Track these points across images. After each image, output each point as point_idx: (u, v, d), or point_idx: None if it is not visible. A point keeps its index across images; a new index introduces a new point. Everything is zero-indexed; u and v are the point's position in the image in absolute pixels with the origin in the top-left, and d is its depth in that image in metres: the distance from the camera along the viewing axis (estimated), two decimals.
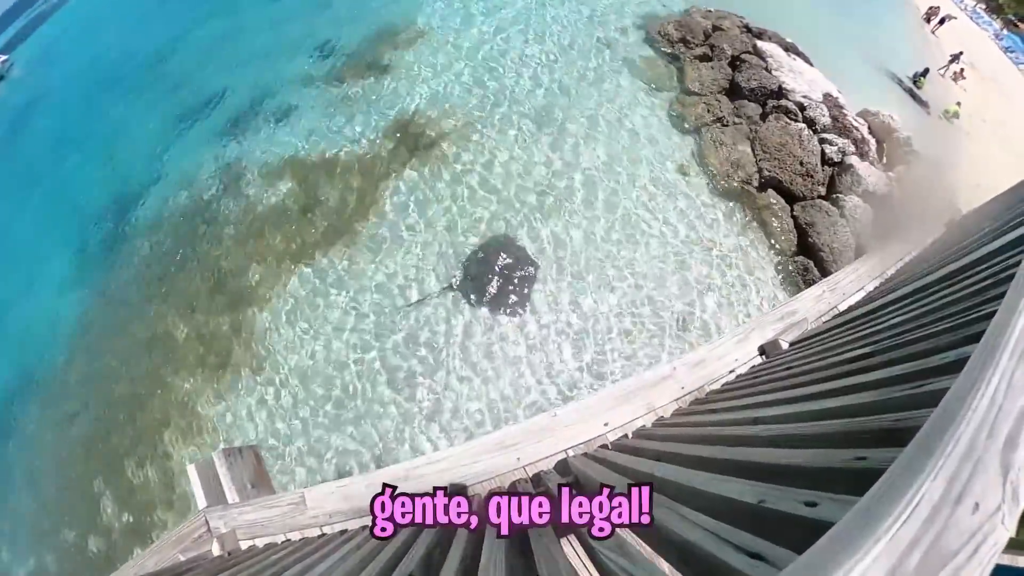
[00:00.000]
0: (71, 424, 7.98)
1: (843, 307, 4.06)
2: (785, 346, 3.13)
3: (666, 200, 7.78)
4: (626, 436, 2.85)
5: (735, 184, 7.95)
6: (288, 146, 9.95)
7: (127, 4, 21.74)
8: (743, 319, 6.82)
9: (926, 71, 14.42)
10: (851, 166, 8.45)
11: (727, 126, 8.54)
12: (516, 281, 7.14)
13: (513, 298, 7.03)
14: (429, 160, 8.64)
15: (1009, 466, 0.72)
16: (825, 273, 7.12)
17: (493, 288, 7.11)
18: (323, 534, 2.70)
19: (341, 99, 10.47)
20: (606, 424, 2.86)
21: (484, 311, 6.95)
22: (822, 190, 8.33)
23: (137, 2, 21.28)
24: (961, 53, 15.99)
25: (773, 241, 7.65)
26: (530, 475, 2.70)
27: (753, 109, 8.87)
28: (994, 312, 1.10)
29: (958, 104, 14.03)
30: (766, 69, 9.47)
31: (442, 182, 8.33)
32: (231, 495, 3.01)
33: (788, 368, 2.46)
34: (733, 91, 9.23)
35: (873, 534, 0.60)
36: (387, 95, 10.04)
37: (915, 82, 14.34)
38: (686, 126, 8.62)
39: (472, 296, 7.09)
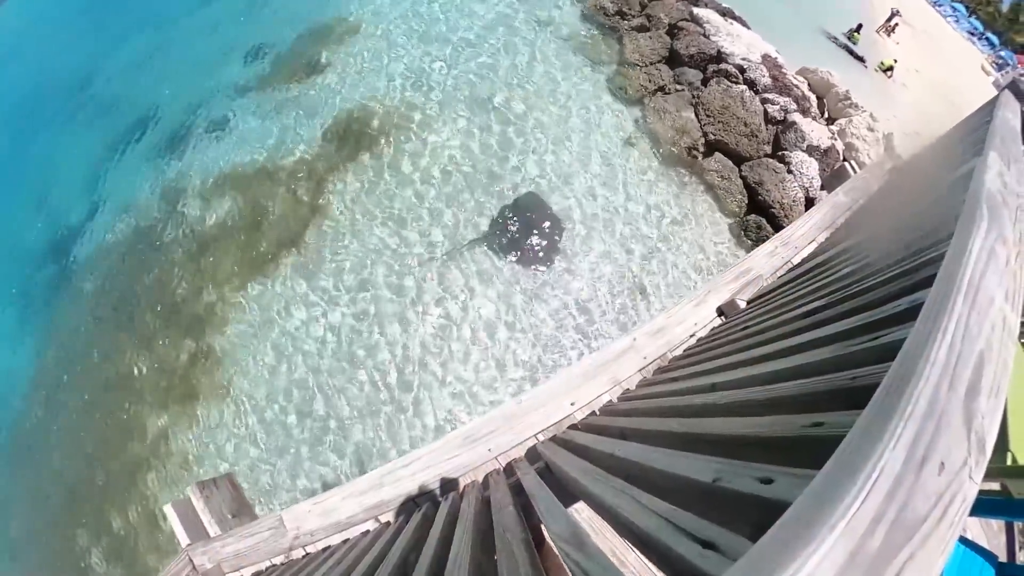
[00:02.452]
0: (42, 482, 7.62)
1: (797, 260, 4.12)
2: (742, 305, 3.14)
3: (615, 174, 7.76)
4: (594, 413, 2.84)
5: (682, 150, 7.98)
6: (227, 159, 9.55)
7: (44, 23, 20.57)
8: (701, 282, 6.89)
9: (859, 27, 14.79)
10: (794, 123, 8.58)
11: (669, 94, 8.56)
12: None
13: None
14: (372, 157, 8.40)
15: (972, 415, 0.68)
16: (778, 229, 7.21)
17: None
18: (307, 554, 2.67)
19: (277, 104, 10.07)
20: (572, 403, 2.86)
21: (454, 307, 6.85)
22: (768, 149, 8.45)
23: (55, 21, 20.13)
24: (897, 11, 16.46)
25: (724, 203, 7.73)
26: (503, 465, 2.69)
27: (694, 75, 8.91)
28: (944, 255, 1.07)
29: (894, 60, 14.43)
30: (704, 35, 9.51)
31: (386, 178, 8.12)
32: (212, 528, 2.96)
33: (744, 328, 2.44)
34: (673, 59, 9.24)
35: (828, 520, 0.53)
36: (323, 94, 9.71)
37: (850, 38, 14.70)
38: (629, 98, 8.57)
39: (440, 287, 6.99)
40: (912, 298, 1.24)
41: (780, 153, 8.35)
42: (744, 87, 8.71)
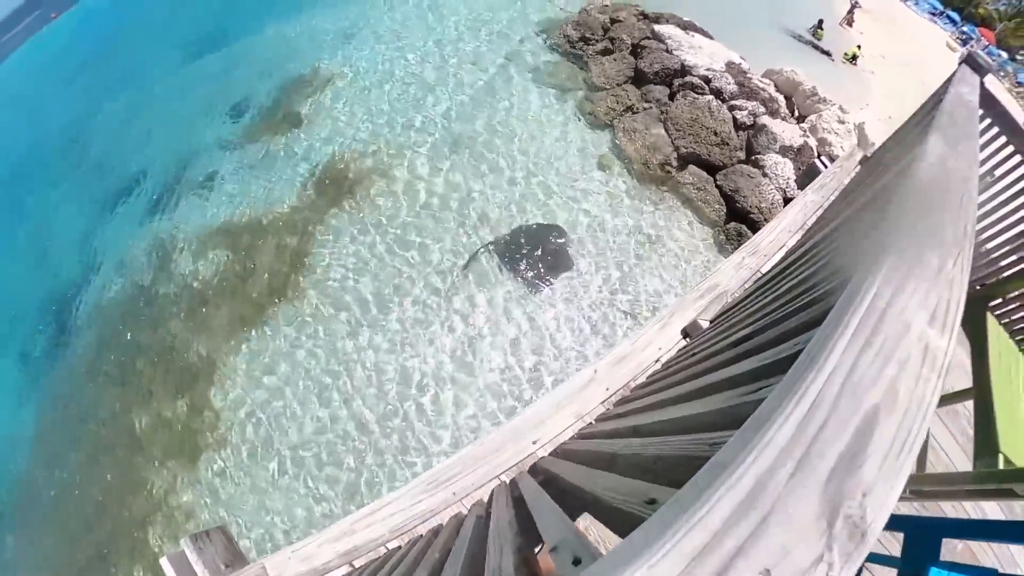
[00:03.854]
0: (48, 539, 7.62)
1: (766, 269, 4.12)
2: (705, 325, 3.15)
3: (591, 198, 7.89)
4: (557, 450, 2.83)
5: (656, 167, 8.12)
6: (215, 214, 9.80)
7: (32, 87, 21.22)
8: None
9: (821, 22, 15.03)
10: (764, 126, 8.72)
11: (638, 113, 8.74)
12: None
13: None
14: (354, 203, 8.60)
15: (842, 497, 0.49)
16: None
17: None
18: None
19: (260, 157, 10.39)
20: (535, 442, 2.85)
21: (445, 341, 6.94)
22: (741, 155, 8.57)
23: (42, 84, 20.82)
24: (856, 2, 16.74)
25: (703, 214, 7.81)
26: (468, 507, 2.68)
27: (661, 91, 9.10)
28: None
29: (858, 47, 14.62)
30: (667, 51, 9.73)
31: (369, 224, 8.28)
32: None
33: (691, 355, 2.44)
34: (639, 78, 9.45)
35: None
36: (304, 145, 9.99)
37: (814, 34, 14.92)
38: (598, 122, 8.76)
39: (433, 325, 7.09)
40: (803, 338, 1.05)
41: (754, 157, 8.47)
42: (711, 97, 8.88)
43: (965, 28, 19.53)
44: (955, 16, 19.82)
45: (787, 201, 8.01)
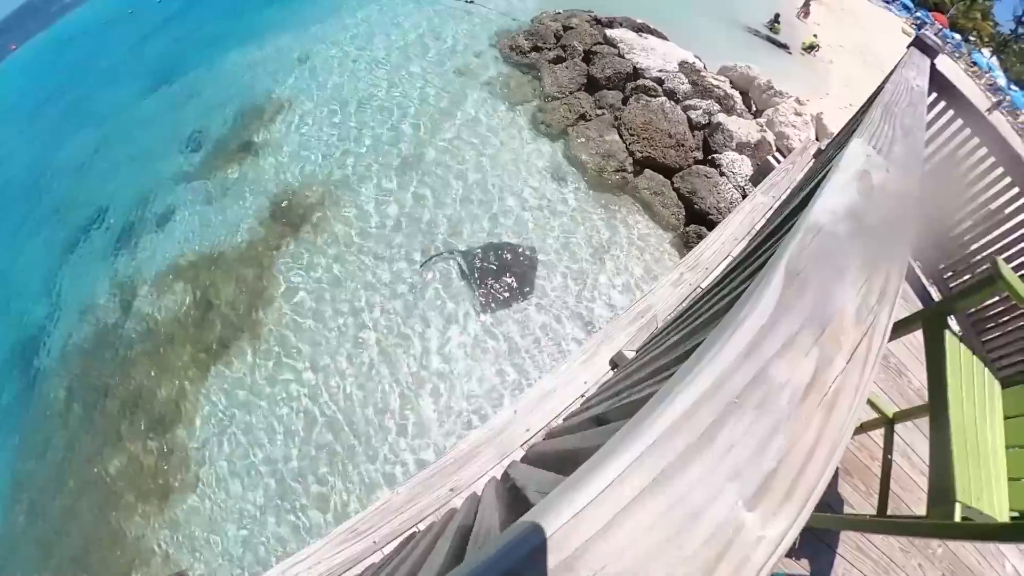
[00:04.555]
0: None
1: (707, 283, 3.90)
2: (630, 356, 2.93)
3: (550, 215, 7.76)
4: (474, 494, 2.70)
5: (611, 174, 7.99)
6: (172, 253, 9.68)
7: None
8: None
9: (777, 16, 15.14)
10: (719, 124, 8.64)
11: (591, 120, 8.63)
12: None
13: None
14: (309, 231, 8.54)
15: None
16: None
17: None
18: None
19: (217, 190, 10.27)
20: (452, 490, 2.75)
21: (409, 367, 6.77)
22: (698, 155, 8.48)
23: (4, 123, 20.52)
24: None
25: (663, 218, 7.68)
26: (387, 554, 2.71)
27: (614, 97, 9.01)
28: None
29: (815, 36, 14.73)
30: (618, 55, 9.66)
31: (327, 250, 8.22)
32: None
33: (598, 396, 2.32)
34: (592, 85, 9.37)
35: None
36: (259, 175, 9.87)
37: (771, 28, 15.03)
38: (552, 132, 8.64)
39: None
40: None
41: (711, 157, 8.38)
42: (664, 98, 8.80)
43: (919, 14, 19.88)
44: (908, 2, 20.13)
45: (748, 196, 7.92)
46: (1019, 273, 3.25)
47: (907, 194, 1.09)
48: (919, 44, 2.98)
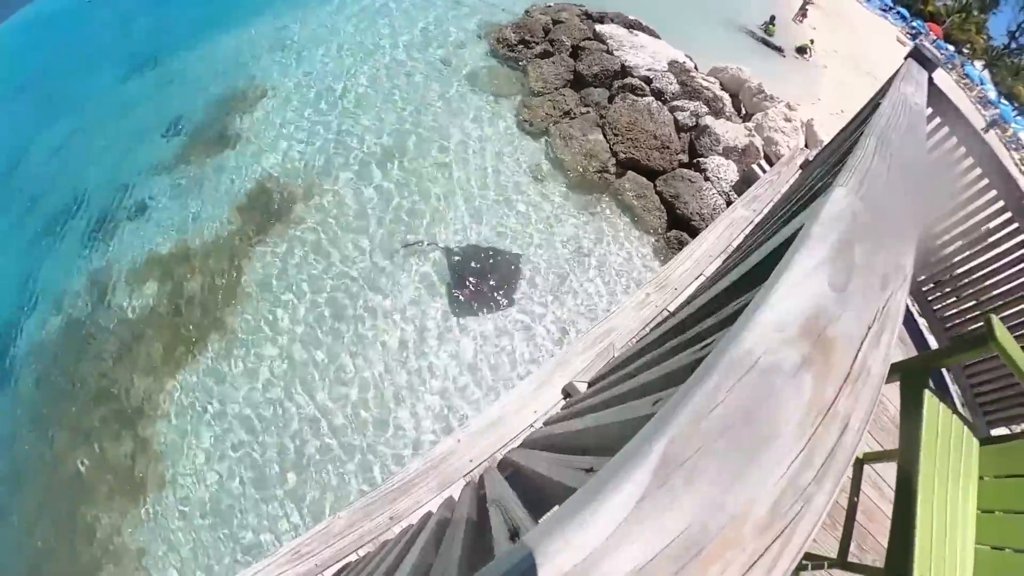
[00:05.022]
0: None
1: (673, 306, 3.61)
2: (582, 389, 2.71)
3: (526, 212, 7.54)
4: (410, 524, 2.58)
5: (593, 175, 7.77)
6: (147, 243, 9.44)
7: None
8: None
9: (773, 18, 14.96)
10: (707, 126, 8.43)
11: (575, 118, 8.39)
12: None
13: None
14: (287, 224, 8.32)
15: None
16: None
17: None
18: None
19: (194, 180, 9.97)
20: (391, 518, 2.64)
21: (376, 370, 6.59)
22: (684, 157, 8.28)
23: None
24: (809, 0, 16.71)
25: (644, 222, 7.47)
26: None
27: (600, 94, 8.77)
28: None
29: (811, 41, 14.57)
30: (607, 51, 9.42)
31: (305, 240, 8.04)
32: None
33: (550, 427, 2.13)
34: (578, 81, 9.11)
35: None
36: (236, 165, 9.60)
37: (765, 30, 14.83)
38: (534, 130, 8.38)
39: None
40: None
41: (696, 160, 8.18)
42: (651, 98, 8.58)
43: (915, 23, 19.76)
44: (904, 12, 20.03)
45: (730, 205, 7.73)
46: (1007, 302, 3.08)
47: (902, 273, 0.79)
48: (917, 56, 2.77)
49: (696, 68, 10.06)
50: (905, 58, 2.80)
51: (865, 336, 0.61)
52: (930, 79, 2.75)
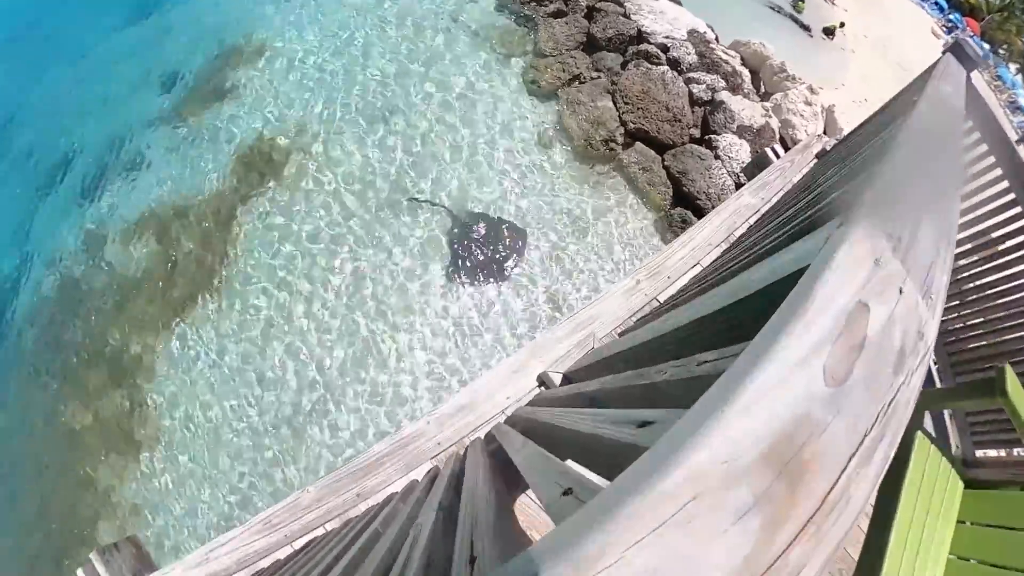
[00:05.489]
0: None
1: (664, 297, 3.36)
2: (557, 380, 2.55)
3: (526, 178, 7.24)
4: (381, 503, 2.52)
5: (599, 144, 7.40)
6: (142, 201, 9.34)
7: None
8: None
9: None
10: (722, 102, 8.03)
11: (584, 83, 7.95)
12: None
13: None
14: (282, 181, 8.14)
15: None
16: None
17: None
18: None
19: (188, 136, 9.76)
20: (358, 495, 2.67)
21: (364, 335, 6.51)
22: (696, 133, 7.91)
23: None
24: None
25: (648, 197, 7.18)
26: (296, 548, 2.79)
27: (613, 60, 8.31)
28: None
29: (840, 23, 13.86)
30: (624, 15, 8.90)
31: (297, 202, 7.88)
32: None
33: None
34: (591, 44, 8.63)
35: None
36: (234, 120, 9.32)
37: (794, 7, 14.10)
38: (542, 92, 7.97)
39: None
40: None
41: (708, 137, 7.81)
42: (666, 68, 8.14)
43: (952, 16, 18.72)
44: (943, 2, 18.99)
45: (740, 187, 7.38)
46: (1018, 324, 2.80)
47: (924, 344, 0.59)
48: (957, 51, 2.46)
49: (717, 40, 9.53)
50: (943, 52, 2.50)
51: (855, 452, 0.39)
52: (968, 79, 2.45)
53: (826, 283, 0.56)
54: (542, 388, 2.67)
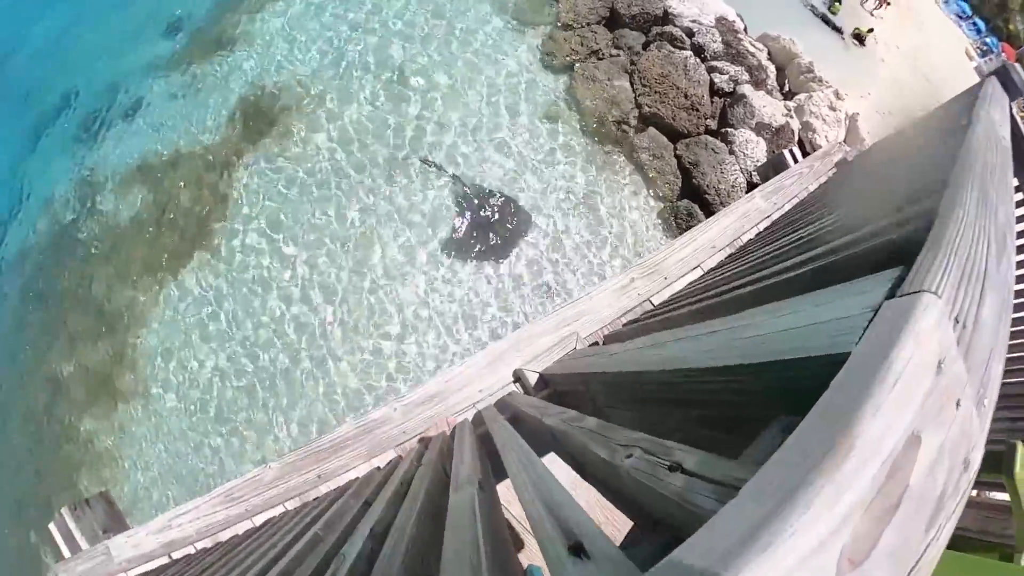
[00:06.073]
0: None
1: (658, 300, 3.04)
2: (533, 380, 2.38)
3: (533, 155, 6.91)
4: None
5: (611, 125, 7.07)
6: (138, 147, 9.15)
7: None
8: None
9: None
10: (743, 96, 7.68)
11: (603, 60, 7.57)
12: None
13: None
14: (281, 136, 7.90)
15: None
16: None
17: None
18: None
19: (188, 84, 9.51)
20: (319, 476, 2.63)
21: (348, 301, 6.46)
22: (712, 124, 7.57)
23: None
24: None
25: (656, 185, 6.89)
26: (258, 525, 2.79)
27: (635, 39, 7.91)
28: None
29: (870, 29, 13.43)
30: None
31: (293, 159, 7.67)
32: (84, 545, 3.11)
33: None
34: (613, 20, 8.21)
35: None
36: (234, 72, 9.05)
37: (829, 8, 13.64)
38: (556, 65, 7.60)
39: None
40: None
41: (724, 130, 7.48)
42: (689, 53, 7.75)
43: (988, 40, 18.19)
44: (981, 24, 18.45)
45: (752, 187, 7.05)
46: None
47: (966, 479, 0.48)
48: (1003, 77, 2.22)
49: (745, 30, 9.11)
50: (989, 74, 2.25)
51: None
52: (1010, 108, 2.20)
53: (879, 411, 0.41)
54: (518, 384, 2.45)
